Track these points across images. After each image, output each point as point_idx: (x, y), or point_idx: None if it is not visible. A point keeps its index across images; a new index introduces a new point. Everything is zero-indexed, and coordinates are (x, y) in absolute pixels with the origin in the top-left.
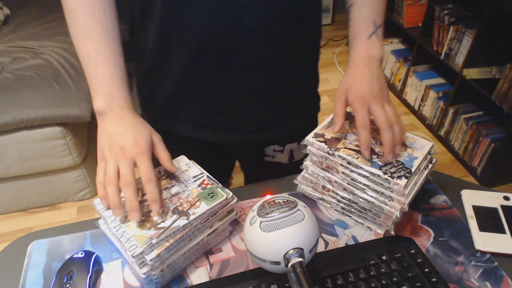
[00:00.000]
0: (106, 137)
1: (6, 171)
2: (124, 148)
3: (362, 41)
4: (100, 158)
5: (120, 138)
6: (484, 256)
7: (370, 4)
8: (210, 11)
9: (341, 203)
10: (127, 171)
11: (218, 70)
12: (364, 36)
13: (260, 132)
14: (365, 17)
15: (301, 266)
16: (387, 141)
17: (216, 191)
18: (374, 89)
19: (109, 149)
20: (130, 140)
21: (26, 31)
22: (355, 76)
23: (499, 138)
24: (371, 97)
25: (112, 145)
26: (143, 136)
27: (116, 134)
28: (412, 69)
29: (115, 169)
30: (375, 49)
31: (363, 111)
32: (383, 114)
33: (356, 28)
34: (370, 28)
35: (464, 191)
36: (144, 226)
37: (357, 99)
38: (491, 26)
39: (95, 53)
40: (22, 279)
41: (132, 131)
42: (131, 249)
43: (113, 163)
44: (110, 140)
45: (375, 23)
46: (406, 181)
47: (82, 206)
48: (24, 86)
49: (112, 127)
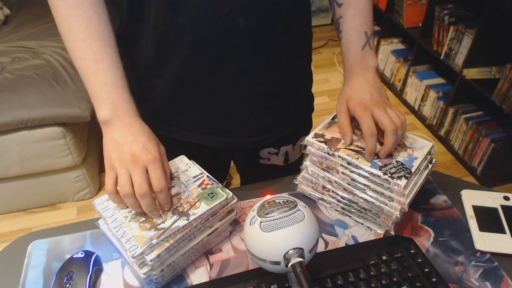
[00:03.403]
0: (114, 146)
1: (6, 171)
2: (135, 155)
3: (356, 53)
4: (109, 167)
5: (129, 146)
6: (484, 256)
7: (360, 15)
8: (203, 16)
9: (341, 203)
10: (141, 180)
11: (212, 74)
12: (358, 48)
13: (255, 136)
14: (356, 28)
15: (301, 266)
16: (390, 144)
17: (216, 191)
18: (374, 96)
19: (118, 158)
20: (140, 147)
21: (26, 31)
22: (353, 86)
23: (499, 138)
24: (372, 103)
25: (122, 154)
26: (152, 143)
27: (125, 142)
28: (412, 69)
29: (128, 178)
30: (369, 59)
31: (367, 117)
32: (387, 117)
33: (349, 41)
34: (363, 39)
35: (464, 191)
36: (144, 226)
37: (359, 106)
38: (491, 26)
39: (94, 62)
40: (22, 279)
41: (141, 138)
42: (131, 250)
43: (125, 173)
44: (119, 149)
45: (366, 34)
46: (406, 182)
47: (82, 206)
48: (24, 86)
49: (119, 135)
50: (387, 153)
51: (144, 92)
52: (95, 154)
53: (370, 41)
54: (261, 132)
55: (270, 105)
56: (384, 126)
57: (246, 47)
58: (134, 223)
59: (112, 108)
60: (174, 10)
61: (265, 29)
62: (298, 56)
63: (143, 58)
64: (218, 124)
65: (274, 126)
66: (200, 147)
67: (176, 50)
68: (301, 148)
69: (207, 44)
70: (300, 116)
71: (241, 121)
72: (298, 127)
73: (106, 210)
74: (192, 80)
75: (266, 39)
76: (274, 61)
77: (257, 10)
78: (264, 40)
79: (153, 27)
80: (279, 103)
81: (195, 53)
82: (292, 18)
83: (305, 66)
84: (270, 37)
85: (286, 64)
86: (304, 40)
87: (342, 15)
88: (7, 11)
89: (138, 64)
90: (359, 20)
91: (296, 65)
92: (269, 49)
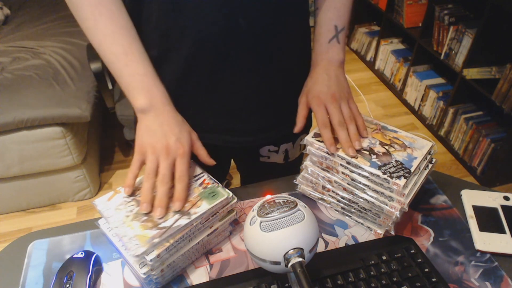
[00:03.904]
0: (149, 133)
1: (6, 171)
2: (169, 147)
3: (322, 45)
4: (139, 152)
5: (164, 137)
6: (484, 256)
7: (333, 8)
8: (204, 16)
9: (341, 203)
10: (167, 171)
11: (213, 74)
12: (325, 40)
13: (256, 134)
14: (327, 21)
15: (301, 266)
16: (341, 138)
17: (217, 190)
18: (331, 90)
19: (151, 146)
20: (173, 140)
21: (26, 31)
22: (314, 79)
23: (499, 138)
24: (327, 97)
25: (156, 143)
26: (185, 136)
27: (161, 132)
28: (412, 69)
29: (155, 166)
30: (333, 52)
31: (321, 111)
32: (337, 114)
33: (318, 32)
34: (331, 32)
35: (464, 191)
36: (146, 225)
37: (314, 99)
38: (491, 26)
39: (124, 55)
40: (22, 279)
41: (175, 129)
42: (133, 249)
43: (154, 160)
44: (153, 137)
45: (336, 27)
46: (405, 181)
47: (82, 206)
48: (24, 86)
49: (155, 124)
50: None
51: None
52: (95, 154)
53: (340, 35)
54: (262, 130)
55: (270, 104)
56: (332, 121)
57: (247, 46)
58: (135, 222)
59: (148, 97)
60: (175, 10)
61: (266, 29)
62: (298, 54)
63: None
64: (219, 123)
65: (275, 124)
66: None
67: (177, 50)
68: (301, 146)
69: (208, 44)
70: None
71: (241, 120)
72: None
73: (107, 210)
74: (193, 79)
75: (267, 38)
76: (274, 60)
77: (257, 10)
78: (265, 40)
79: (154, 26)
80: (280, 101)
81: (196, 52)
82: (291, 16)
83: (305, 64)
84: (270, 36)
85: (286, 62)
86: (304, 38)
87: (318, 7)
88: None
89: None
90: (331, 13)
91: (296, 63)
92: (269, 48)
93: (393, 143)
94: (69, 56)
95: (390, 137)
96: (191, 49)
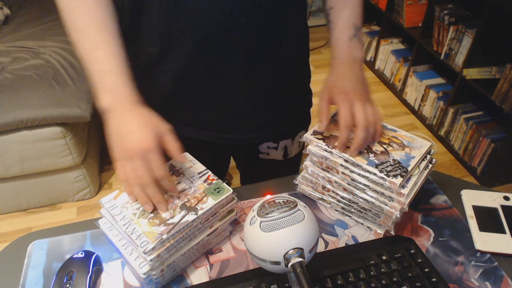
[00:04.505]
0: (114, 139)
1: (6, 171)
2: (131, 148)
3: (344, 42)
4: (115, 158)
5: (126, 139)
6: (484, 256)
7: (350, 7)
8: (205, 14)
9: (341, 203)
10: (142, 172)
11: (213, 72)
12: (346, 38)
13: (255, 131)
14: (346, 19)
15: (301, 266)
16: (358, 139)
17: (222, 186)
18: (358, 88)
19: (118, 152)
20: (135, 139)
21: (26, 31)
22: (338, 76)
23: (499, 138)
24: (355, 95)
25: (121, 147)
26: (149, 131)
27: (123, 133)
28: (412, 69)
29: (130, 171)
30: (356, 50)
31: (346, 107)
32: (362, 113)
33: (338, 31)
34: (351, 30)
35: (464, 191)
36: (154, 222)
37: (341, 94)
38: (491, 26)
39: (92, 50)
40: (22, 279)
41: (138, 127)
42: (142, 245)
43: (128, 164)
44: (118, 141)
45: (355, 25)
46: (402, 180)
47: (82, 206)
48: (24, 86)
49: (118, 126)
50: (357, 150)
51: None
52: (95, 154)
53: (359, 33)
54: (261, 128)
55: (270, 101)
56: (357, 121)
57: (247, 45)
58: (143, 220)
59: (111, 96)
60: (176, 9)
61: (266, 27)
62: (297, 52)
63: (144, 55)
64: (219, 121)
65: (274, 121)
66: (200, 143)
67: (178, 48)
68: (300, 142)
69: (208, 42)
70: (299, 110)
71: (241, 118)
72: (298, 121)
73: (114, 208)
74: (193, 77)
75: (267, 37)
76: (274, 58)
77: (257, 9)
78: (265, 38)
79: (155, 25)
80: (279, 99)
81: (197, 50)
82: (291, 15)
83: (304, 61)
84: (270, 34)
85: (286, 61)
86: (302, 36)
87: (333, 6)
88: (7, 11)
89: (139, 61)
90: (349, 11)
91: (295, 61)
92: (269, 47)
93: (391, 142)
94: (69, 56)
95: (389, 136)
96: (191, 48)
